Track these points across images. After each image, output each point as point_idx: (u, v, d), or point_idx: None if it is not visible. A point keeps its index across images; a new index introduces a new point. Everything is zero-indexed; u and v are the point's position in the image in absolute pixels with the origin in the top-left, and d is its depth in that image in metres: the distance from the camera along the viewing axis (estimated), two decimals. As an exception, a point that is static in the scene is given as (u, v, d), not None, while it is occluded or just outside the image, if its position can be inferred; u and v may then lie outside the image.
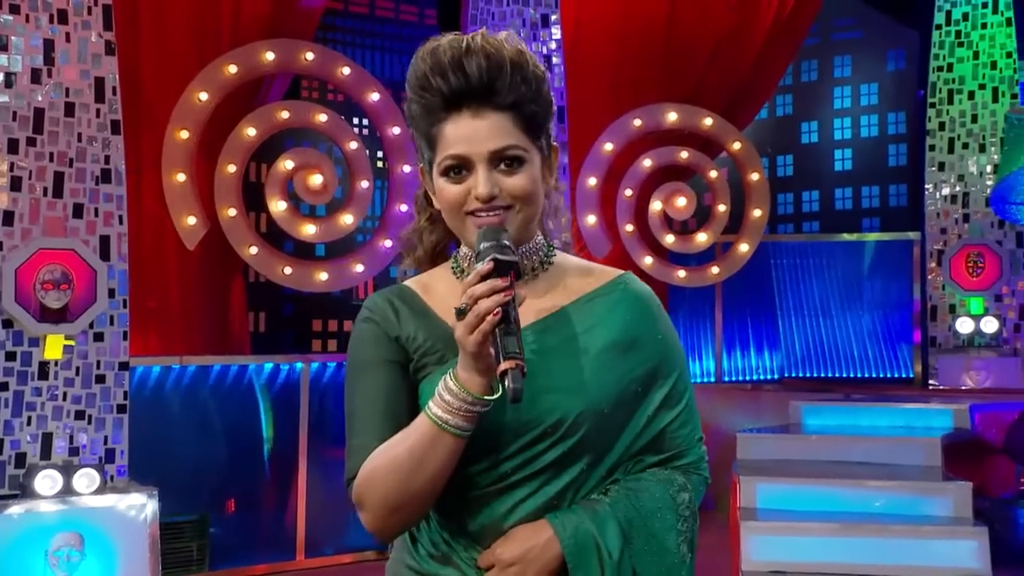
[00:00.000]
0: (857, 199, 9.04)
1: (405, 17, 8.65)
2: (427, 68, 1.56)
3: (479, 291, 1.42)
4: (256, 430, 5.94)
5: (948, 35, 8.30)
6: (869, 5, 9.04)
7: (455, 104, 1.56)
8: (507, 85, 1.55)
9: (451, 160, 1.57)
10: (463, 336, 1.43)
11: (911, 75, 8.96)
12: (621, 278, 1.71)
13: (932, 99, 8.26)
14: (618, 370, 1.60)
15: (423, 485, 1.51)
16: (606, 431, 1.59)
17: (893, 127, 8.99)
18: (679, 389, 1.66)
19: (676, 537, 1.60)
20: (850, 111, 9.14)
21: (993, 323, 7.88)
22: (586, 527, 1.54)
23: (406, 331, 1.63)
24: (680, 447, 1.66)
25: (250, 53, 5.80)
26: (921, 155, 8.40)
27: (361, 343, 1.65)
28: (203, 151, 5.77)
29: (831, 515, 5.01)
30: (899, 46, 9.04)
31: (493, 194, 1.55)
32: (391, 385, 1.61)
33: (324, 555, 6.08)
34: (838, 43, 9.19)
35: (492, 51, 1.55)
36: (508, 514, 1.57)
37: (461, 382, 1.46)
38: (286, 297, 7.25)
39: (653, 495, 1.60)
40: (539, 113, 1.60)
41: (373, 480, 1.55)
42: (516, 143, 1.56)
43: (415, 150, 1.70)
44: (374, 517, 1.56)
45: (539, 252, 1.67)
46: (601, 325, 1.63)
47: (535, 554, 1.54)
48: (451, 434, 1.48)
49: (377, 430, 1.58)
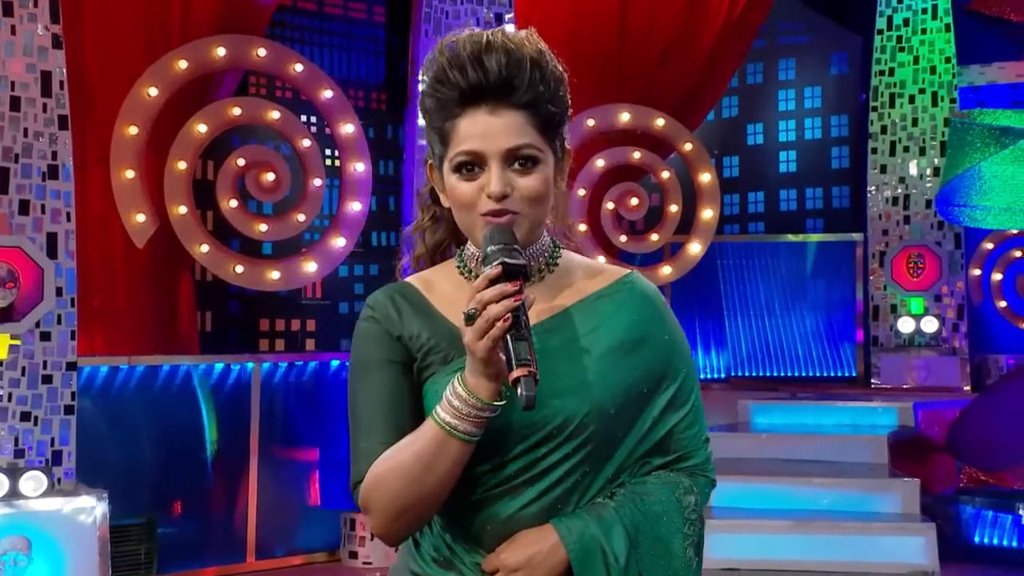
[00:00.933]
0: (801, 200, 9.17)
1: (354, 14, 8.58)
2: (445, 61, 1.54)
3: (488, 296, 1.40)
4: (205, 431, 5.85)
5: (890, 40, 8.46)
6: (814, 10, 9.18)
7: (472, 99, 1.54)
8: (526, 83, 1.53)
9: (464, 156, 1.54)
10: (472, 342, 1.41)
11: (854, 79, 9.12)
12: (628, 277, 1.70)
13: (874, 103, 8.41)
14: (624, 370, 1.59)
15: (430, 489, 1.49)
16: (612, 432, 1.58)
17: (836, 130, 9.13)
18: (686, 389, 1.65)
19: (683, 541, 1.59)
20: (794, 114, 9.27)
21: (933, 323, 8.05)
22: (592, 532, 1.53)
23: (409, 330, 1.60)
24: (686, 449, 1.65)
25: (201, 48, 5.71)
26: (863, 158, 8.55)
27: (363, 343, 1.63)
28: (152, 147, 5.66)
29: (783, 513, 5.09)
30: (842, 50, 9.19)
31: (505, 193, 1.53)
32: (395, 386, 1.59)
33: (275, 557, 6.01)
34: (783, 47, 9.32)
35: (512, 48, 1.53)
36: (512, 516, 1.55)
37: (470, 387, 1.45)
38: (233, 296, 7.16)
39: (659, 498, 1.59)
40: (556, 114, 1.58)
41: (380, 485, 1.53)
42: (531, 142, 1.54)
43: (426, 145, 1.68)
44: (381, 521, 1.54)
45: (546, 253, 1.66)
46: (607, 325, 1.61)
47: (540, 559, 1.52)
48: (459, 439, 1.46)
49: (382, 433, 1.56)
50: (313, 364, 6.20)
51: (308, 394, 6.18)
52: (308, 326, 7.42)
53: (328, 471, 6.26)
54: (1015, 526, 6.00)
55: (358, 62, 8.18)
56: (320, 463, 6.26)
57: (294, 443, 6.18)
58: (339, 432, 6.27)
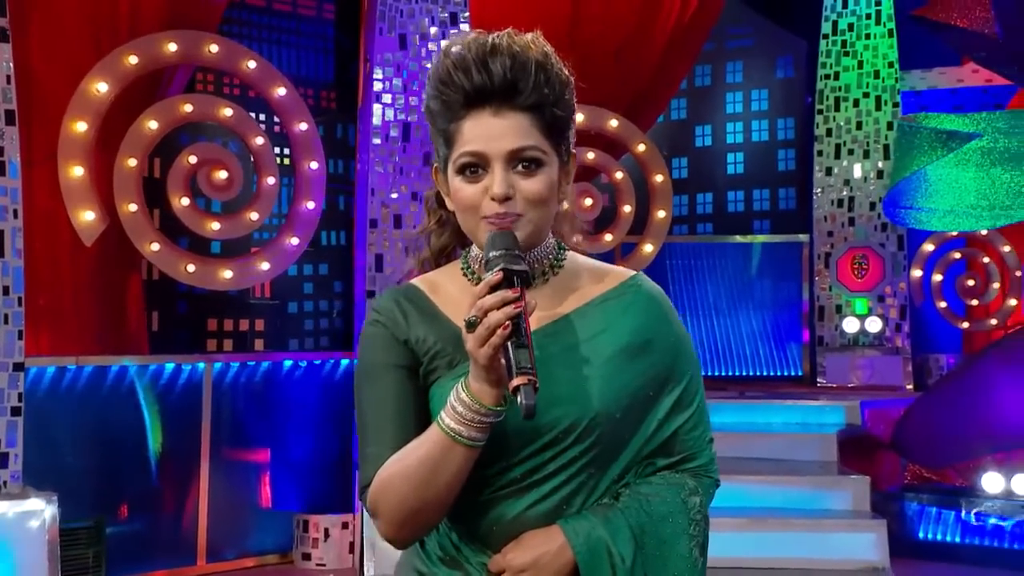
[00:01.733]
0: (748, 202, 9.29)
1: (303, 11, 8.50)
2: (450, 64, 1.55)
3: (489, 303, 1.40)
4: (155, 432, 5.76)
5: (835, 45, 8.59)
6: (761, 14, 9.30)
7: (476, 102, 1.54)
8: (531, 86, 1.53)
9: (468, 157, 1.55)
10: (474, 349, 1.41)
11: (800, 82, 9.26)
12: (633, 279, 1.70)
13: (820, 106, 8.54)
14: (630, 374, 1.59)
15: (437, 494, 1.50)
16: (618, 435, 1.59)
17: (782, 132, 9.26)
18: (691, 391, 1.66)
19: (688, 542, 1.60)
20: (742, 116, 9.38)
21: (877, 323, 8.20)
22: (598, 533, 1.54)
23: (415, 334, 1.60)
24: (691, 450, 1.66)
25: (152, 44, 5.61)
26: (809, 160, 8.68)
27: (370, 347, 1.63)
28: (101, 144, 5.56)
29: (736, 511, 5.14)
30: (788, 54, 9.32)
31: (508, 195, 1.53)
32: (402, 391, 1.59)
33: (226, 559, 5.95)
34: (730, 50, 9.42)
35: (518, 51, 1.54)
36: (518, 517, 1.56)
37: (473, 393, 1.45)
38: (181, 295, 7.05)
39: (664, 499, 1.60)
40: (561, 117, 1.58)
41: (387, 489, 1.53)
42: (535, 144, 1.55)
43: (432, 150, 1.68)
44: (389, 525, 1.54)
45: (550, 255, 1.65)
46: (613, 329, 1.62)
47: (547, 560, 1.53)
48: (464, 445, 1.47)
49: (390, 438, 1.56)
50: (266, 364, 6.14)
51: (260, 395, 6.12)
52: (257, 326, 7.34)
53: (280, 472, 6.20)
54: (958, 522, 6.14)
55: (307, 60, 8.11)
56: (272, 464, 6.20)
57: (246, 444, 6.11)
58: (291, 433, 6.22)
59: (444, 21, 6.21)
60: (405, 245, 5.92)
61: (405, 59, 6.06)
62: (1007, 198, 6.35)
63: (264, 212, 5.86)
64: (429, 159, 6.03)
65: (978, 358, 6.96)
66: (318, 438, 6.29)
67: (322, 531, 5.92)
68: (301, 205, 5.94)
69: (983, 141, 6.03)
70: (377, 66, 6.00)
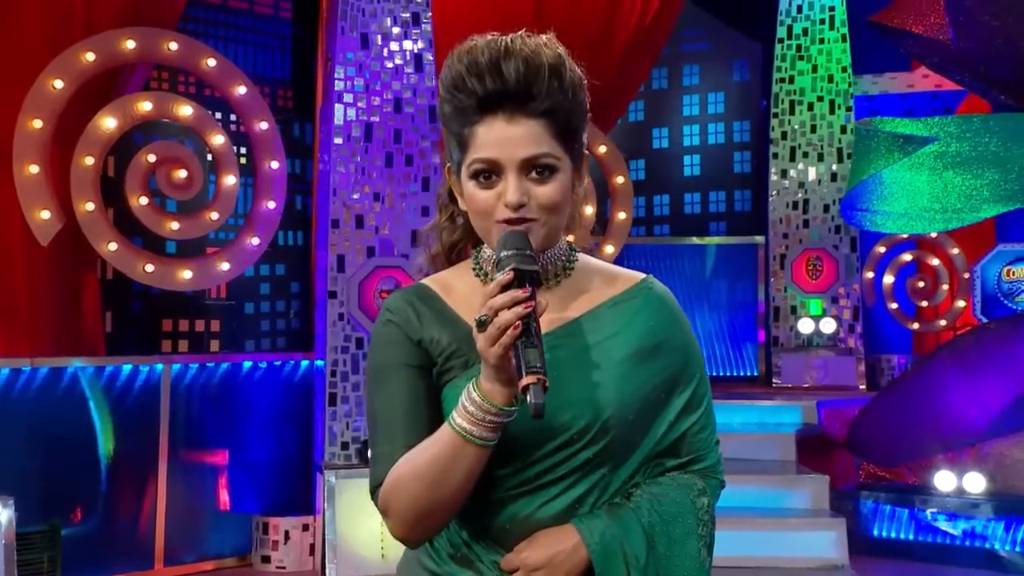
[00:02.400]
0: (705, 204, 9.37)
1: (260, 9, 8.42)
2: (463, 68, 1.54)
3: (499, 302, 1.41)
4: (112, 434, 5.68)
5: (789, 48, 8.70)
6: (716, 17, 9.38)
7: (489, 107, 1.54)
8: (544, 91, 1.53)
9: (481, 164, 1.55)
10: (484, 348, 1.42)
11: (755, 86, 9.35)
12: (644, 282, 1.71)
13: (775, 109, 8.64)
14: (642, 376, 1.61)
15: (449, 494, 1.50)
16: (630, 436, 1.60)
17: (738, 135, 9.36)
18: (699, 393, 1.68)
19: (696, 542, 1.62)
20: (698, 118, 9.46)
21: (831, 323, 8.32)
22: (613, 532, 1.55)
23: (429, 334, 1.60)
24: (699, 451, 1.68)
25: (109, 40, 5.53)
26: (765, 163, 8.78)
27: (382, 346, 1.62)
28: (57, 142, 5.47)
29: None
30: (743, 57, 9.41)
31: (522, 202, 1.53)
32: (414, 391, 1.58)
33: (184, 563, 5.88)
34: (687, 53, 9.50)
35: (531, 55, 1.54)
36: (531, 516, 1.57)
37: (484, 393, 1.45)
38: (135, 295, 6.95)
39: (674, 500, 1.62)
40: (574, 120, 1.59)
41: (399, 489, 1.53)
42: (549, 151, 1.55)
43: (443, 149, 1.67)
44: (400, 525, 1.55)
45: (562, 257, 1.66)
46: (626, 331, 1.63)
47: (562, 559, 1.54)
48: (475, 444, 1.47)
49: (402, 437, 1.56)
50: (225, 365, 6.08)
51: (218, 396, 6.06)
52: (212, 326, 7.25)
53: (239, 474, 6.14)
54: (912, 519, 6.25)
55: (263, 58, 8.03)
56: (231, 466, 6.13)
57: (204, 446, 6.04)
58: (250, 434, 6.16)
59: (406, 21, 6.19)
60: (368, 246, 5.90)
61: (367, 59, 6.03)
62: (959, 201, 6.48)
63: (224, 212, 5.80)
64: (392, 160, 6.01)
65: (930, 359, 7.09)
66: (278, 439, 6.24)
67: (282, 533, 5.87)
68: (262, 205, 5.89)
69: (936, 145, 6.14)
70: (339, 65, 5.96)
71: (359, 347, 5.84)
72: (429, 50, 6.23)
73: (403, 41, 6.17)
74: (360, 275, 5.79)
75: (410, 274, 5.84)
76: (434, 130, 6.12)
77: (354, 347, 5.84)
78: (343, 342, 5.84)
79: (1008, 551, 5.89)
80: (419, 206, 6.03)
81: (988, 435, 6.32)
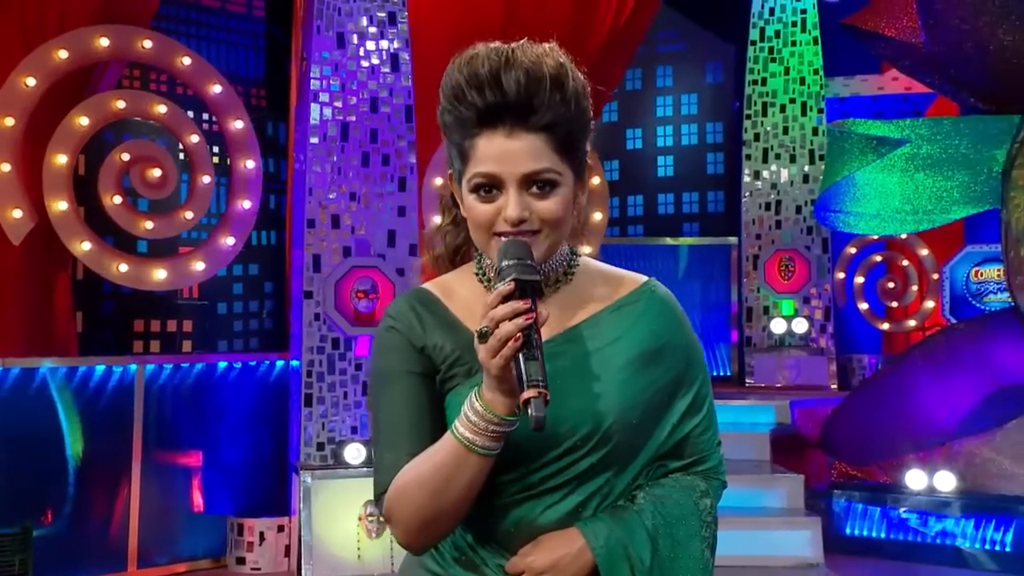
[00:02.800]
0: (679, 204, 9.41)
1: (232, 8, 8.38)
2: (463, 79, 1.52)
3: (500, 314, 1.40)
4: (84, 435, 5.62)
5: (762, 51, 8.75)
6: (690, 19, 9.43)
7: (489, 120, 1.51)
8: (545, 103, 1.51)
9: (481, 178, 1.53)
10: (486, 360, 1.42)
11: (728, 87, 9.41)
12: (646, 285, 1.71)
13: (748, 111, 8.69)
14: (646, 380, 1.61)
15: (452, 502, 1.50)
16: (634, 440, 1.60)
17: (711, 136, 9.40)
18: (702, 395, 1.68)
19: (700, 544, 1.62)
20: (672, 119, 9.50)
21: (803, 324, 8.38)
22: (617, 536, 1.55)
23: (432, 341, 1.59)
24: (702, 452, 1.68)
25: (83, 38, 5.49)
26: (738, 164, 8.83)
27: (385, 353, 1.61)
28: (29, 140, 5.41)
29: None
30: (717, 59, 9.46)
31: (523, 217, 1.52)
32: (417, 397, 1.58)
33: (157, 565, 5.83)
34: (661, 54, 9.54)
35: (532, 66, 1.50)
36: (535, 520, 1.57)
37: (486, 403, 1.45)
38: (107, 295, 6.89)
39: (677, 502, 1.62)
40: (576, 131, 1.57)
41: (403, 497, 1.53)
42: (550, 166, 1.52)
43: (446, 158, 1.66)
44: (405, 532, 1.54)
45: (563, 263, 1.65)
46: (629, 336, 1.62)
47: (567, 562, 1.54)
48: (478, 454, 1.47)
49: (406, 444, 1.56)
50: (200, 366, 6.03)
51: (192, 396, 6.01)
52: (185, 327, 7.21)
53: (213, 475, 6.10)
54: (883, 518, 6.31)
55: (237, 56, 7.99)
56: (204, 467, 6.09)
57: (178, 447, 5.99)
58: (224, 435, 6.12)
59: (382, 20, 6.17)
60: (344, 246, 5.88)
61: (343, 58, 6.01)
62: (929, 203, 6.55)
63: (199, 211, 5.76)
64: (368, 159, 5.99)
65: (902, 359, 7.16)
66: (252, 440, 6.20)
67: (257, 534, 5.83)
68: (237, 205, 5.86)
69: (908, 147, 6.20)
70: (315, 64, 5.93)
71: (335, 347, 5.81)
72: (405, 49, 6.21)
73: (379, 40, 6.14)
74: (336, 275, 5.77)
75: (385, 272, 5.83)
76: (411, 130, 6.11)
77: (330, 347, 5.82)
78: (319, 342, 5.81)
79: (976, 548, 5.95)
80: (396, 206, 6.01)
81: (958, 434, 6.39)
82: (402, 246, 5.94)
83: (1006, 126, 6.40)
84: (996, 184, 6.48)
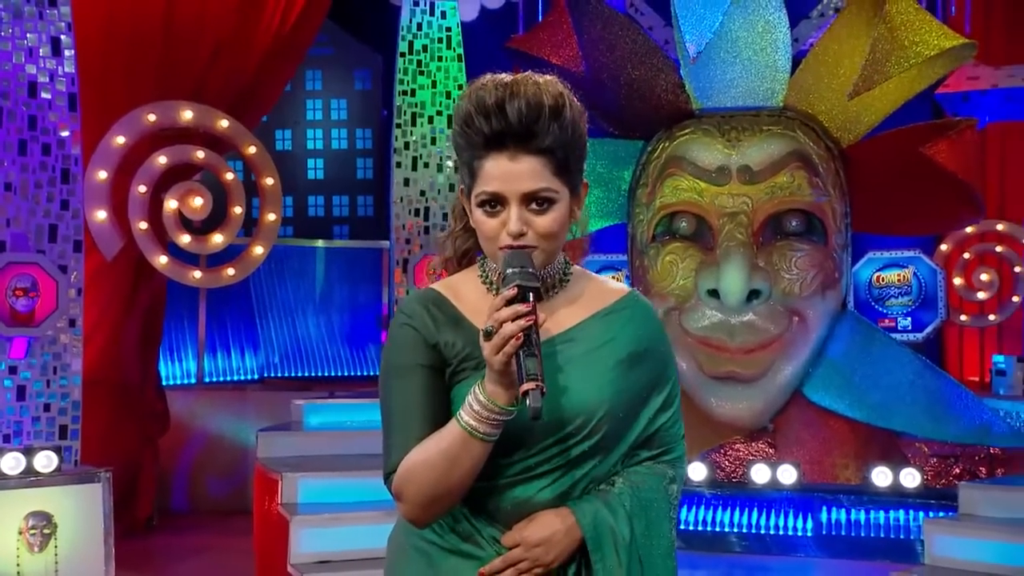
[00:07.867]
0: (329, 207, 9.53)
1: None
2: (472, 108, 1.72)
3: (503, 315, 1.61)
4: None
5: (411, 63, 9.07)
6: (340, 26, 9.58)
7: (495, 144, 1.72)
8: (545, 130, 1.72)
9: (487, 196, 1.74)
10: (490, 355, 1.62)
11: (377, 95, 9.67)
12: (632, 294, 1.95)
13: (398, 120, 8.96)
14: (631, 379, 1.84)
15: (456, 482, 1.70)
16: (618, 431, 1.83)
17: (361, 142, 9.62)
18: (673, 394, 1.93)
19: (668, 524, 1.88)
20: (322, 123, 9.60)
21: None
22: (603, 515, 1.79)
23: (444, 338, 1.77)
24: (670, 444, 1.93)
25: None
26: (388, 170, 9.10)
27: (399, 347, 1.78)
28: None
29: (372, 504, 5.35)
30: (366, 67, 9.70)
31: (523, 231, 1.73)
32: (427, 388, 1.76)
33: None
34: (311, 57, 9.59)
35: (532, 96, 1.71)
36: (529, 500, 1.78)
37: (489, 394, 1.65)
38: None
39: (651, 487, 1.86)
40: (572, 154, 1.78)
41: (411, 476, 1.72)
42: (548, 186, 1.74)
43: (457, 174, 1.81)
44: (412, 508, 1.74)
45: (559, 271, 1.86)
46: (618, 338, 1.85)
47: (559, 537, 1.76)
48: (479, 440, 1.67)
49: (415, 429, 1.74)
50: None
51: None
52: None
53: None
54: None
55: None
56: None
57: None
58: None
59: (42, 1, 5.79)
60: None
61: None
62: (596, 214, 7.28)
63: None
64: (26, 148, 5.58)
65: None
66: None
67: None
68: None
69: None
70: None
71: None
72: (68, 33, 5.85)
73: (38, 21, 5.75)
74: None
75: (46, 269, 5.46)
76: (75, 119, 5.76)
77: (-19, 349, 5.34)
78: (-31, 345, 5.32)
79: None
80: (58, 199, 5.65)
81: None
82: (65, 241, 5.60)
83: (632, 150, 7.23)
84: (624, 201, 7.31)
